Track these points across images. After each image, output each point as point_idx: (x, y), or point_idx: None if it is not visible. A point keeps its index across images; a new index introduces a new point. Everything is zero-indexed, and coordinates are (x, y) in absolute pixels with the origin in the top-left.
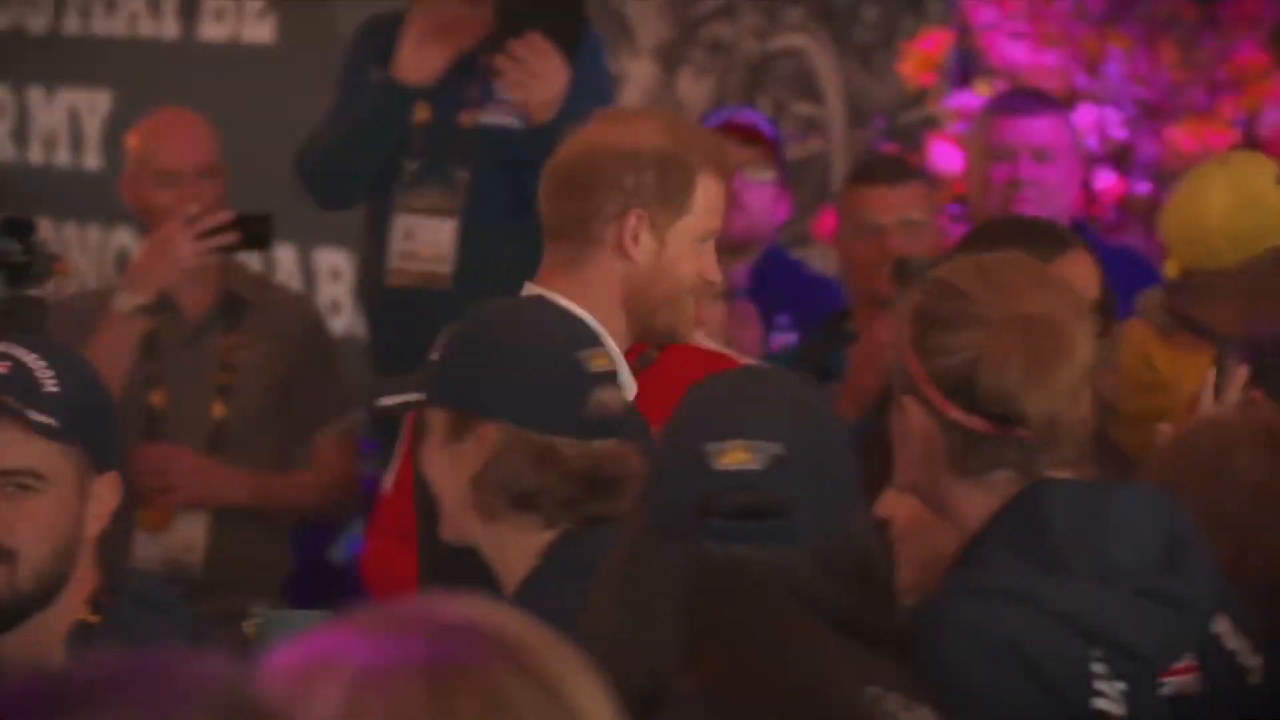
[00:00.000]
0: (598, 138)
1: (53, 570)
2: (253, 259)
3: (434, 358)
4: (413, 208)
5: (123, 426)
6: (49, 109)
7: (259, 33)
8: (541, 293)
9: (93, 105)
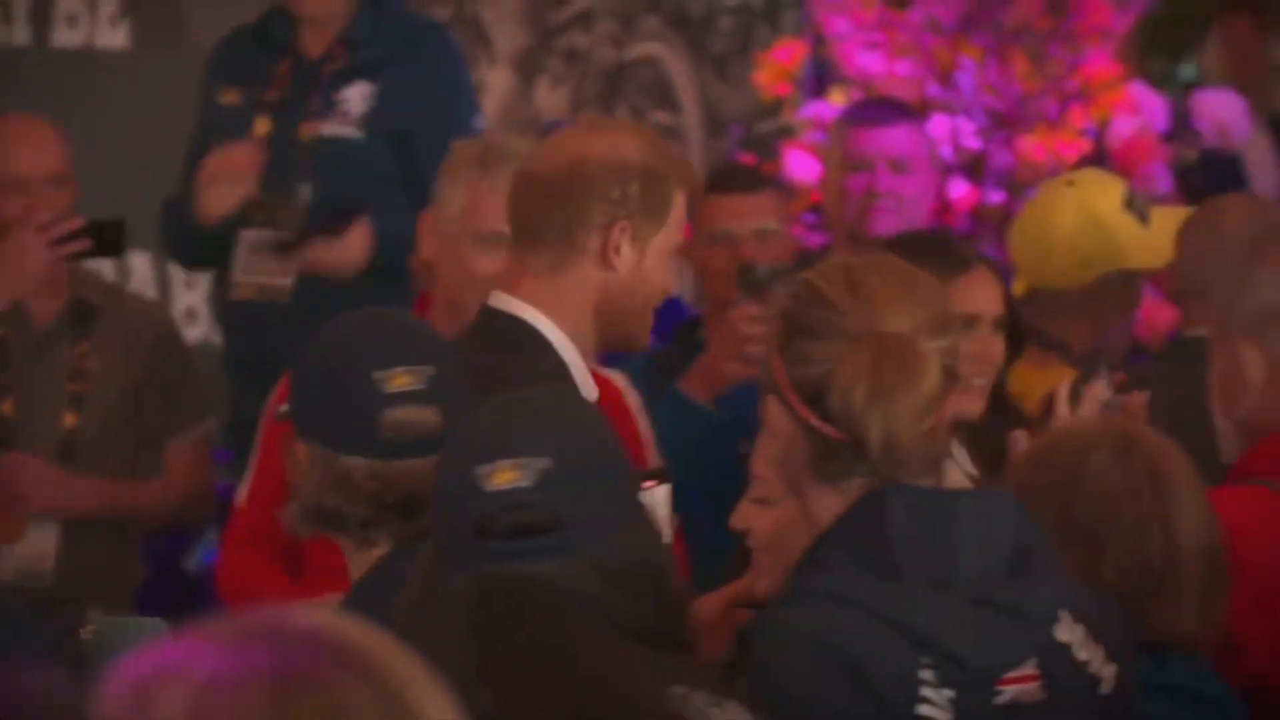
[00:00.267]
0: (583, 148)
1: None
2: (107, 266)
3: None
4: (252, 221)
5: None
6: None
7: (113, 39)
8: (508, 299)
9: None
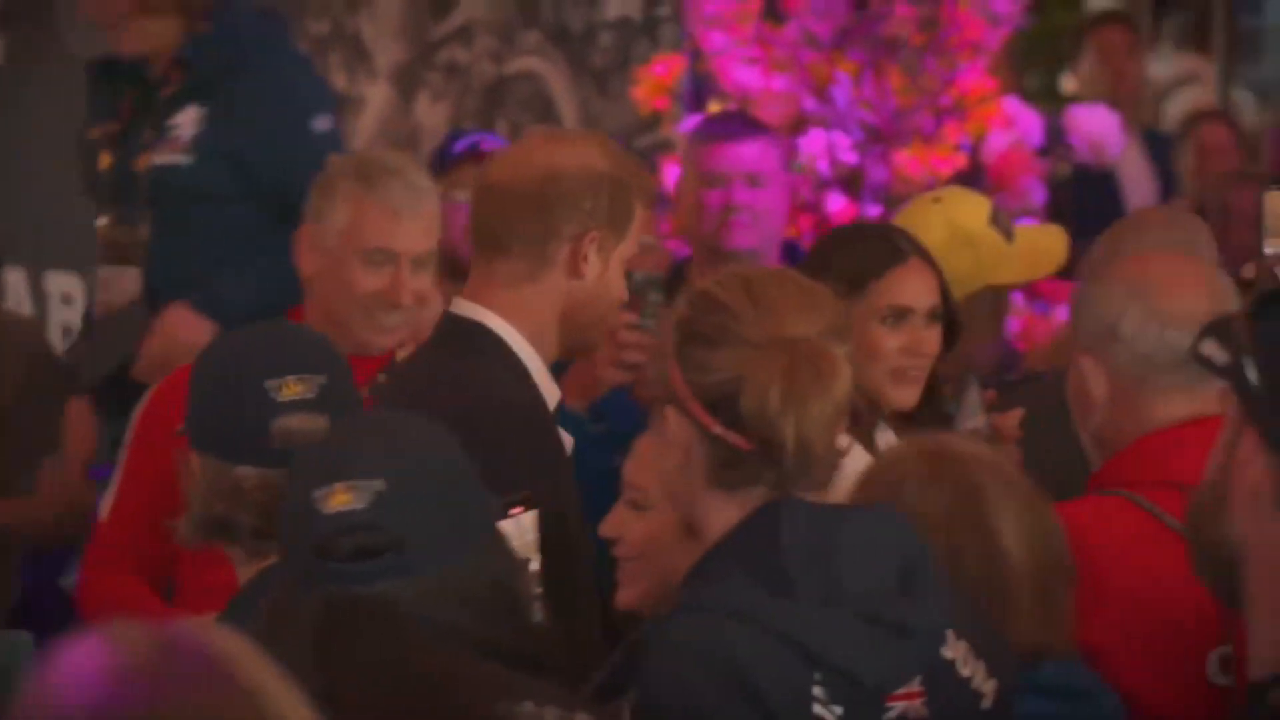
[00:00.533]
0: (553, 159)
1: None
2: None
3: None
4: (105, 257)
5: None
6: None
7: None
8: (472, 306)
9: None
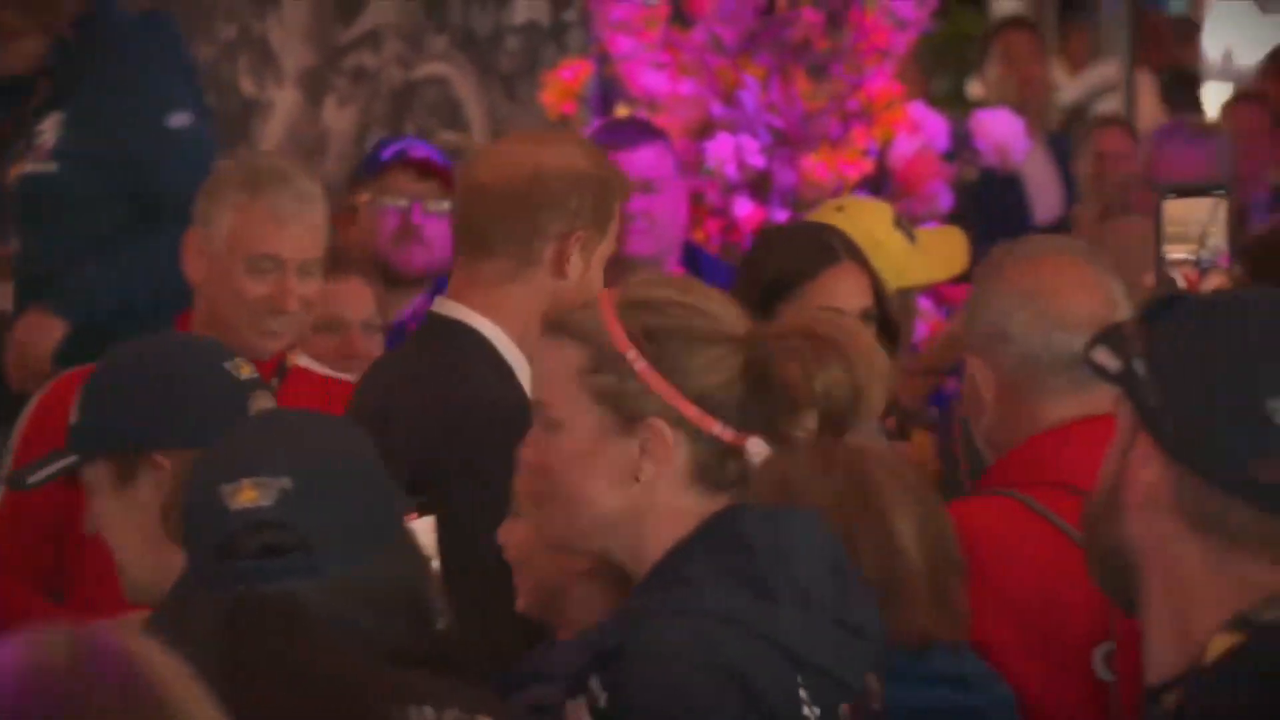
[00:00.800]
0: (537, 159)
1: None
2: None
3: (74, 418)
4: None
5: None
6: None
7: None
8: (455, 305)
9: None
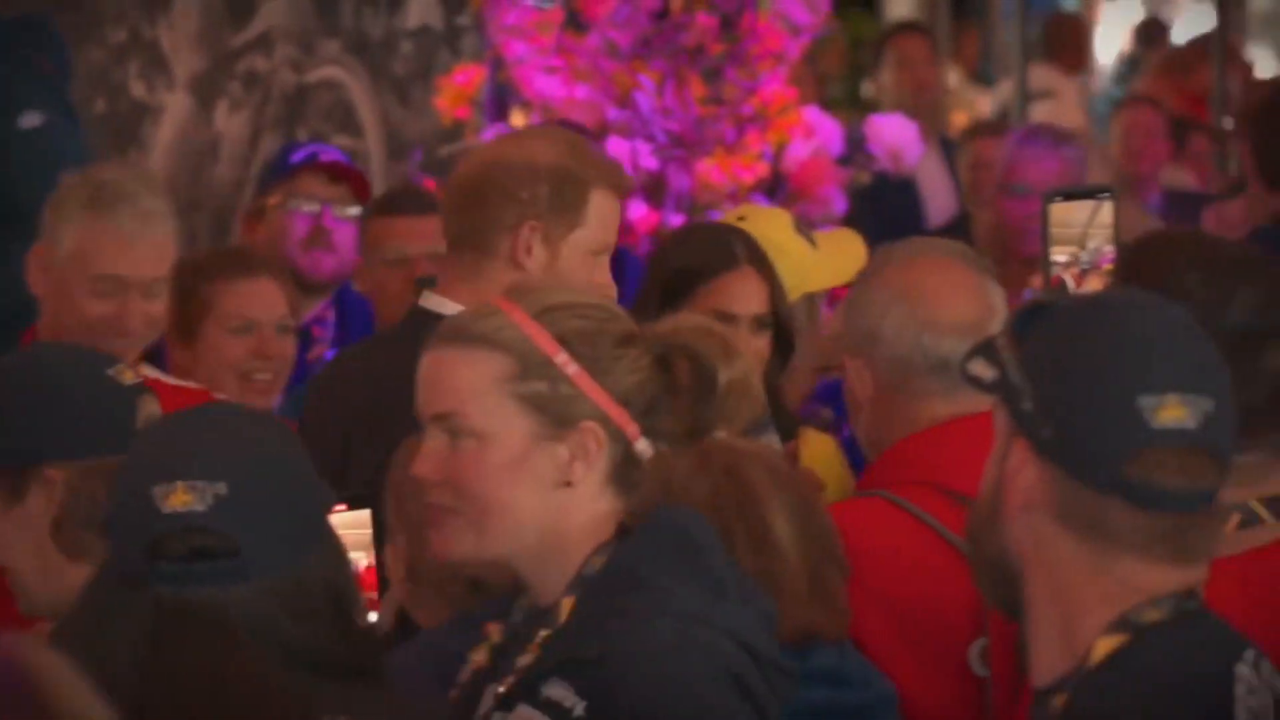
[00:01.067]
0: (496, 154)
1: None
2: None
3: None
4: None
5: None
6: None
7: None
8: (439, 299)
9: None
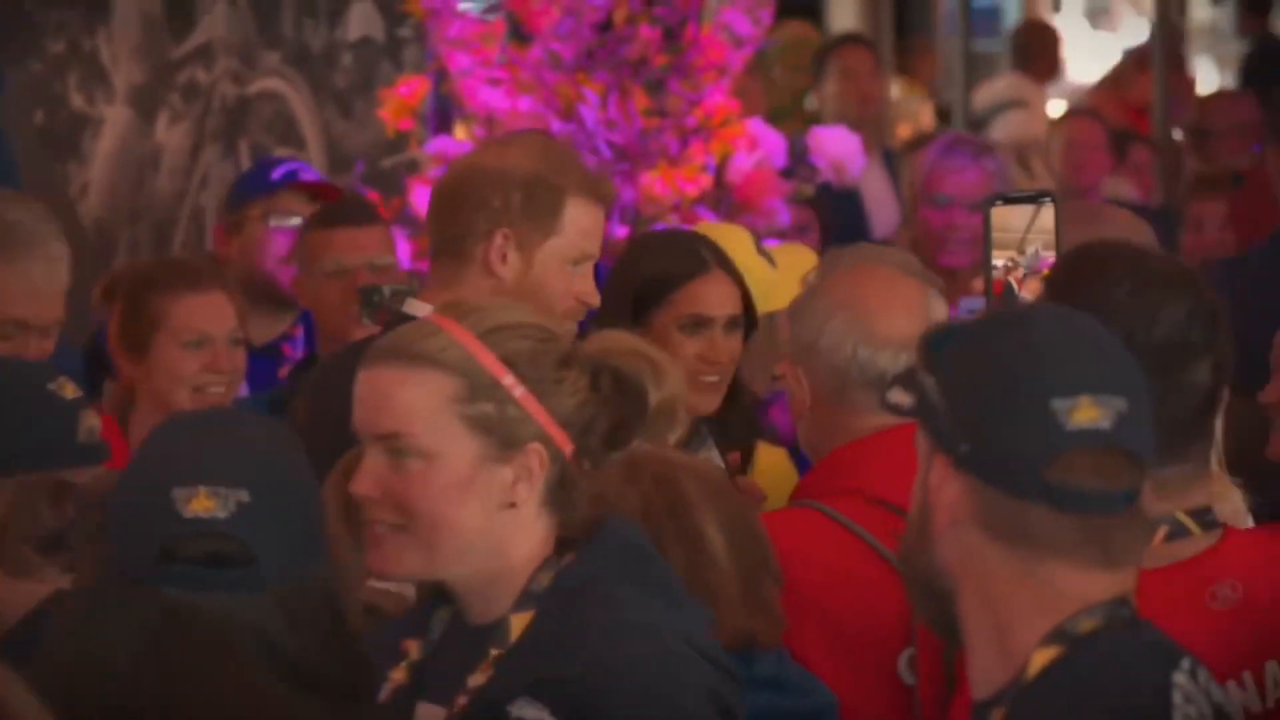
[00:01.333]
0: (474, 161)
1: None
2: None
3: None
4: None
5: None
6: None
7: None
8: (422, 306)
9: None
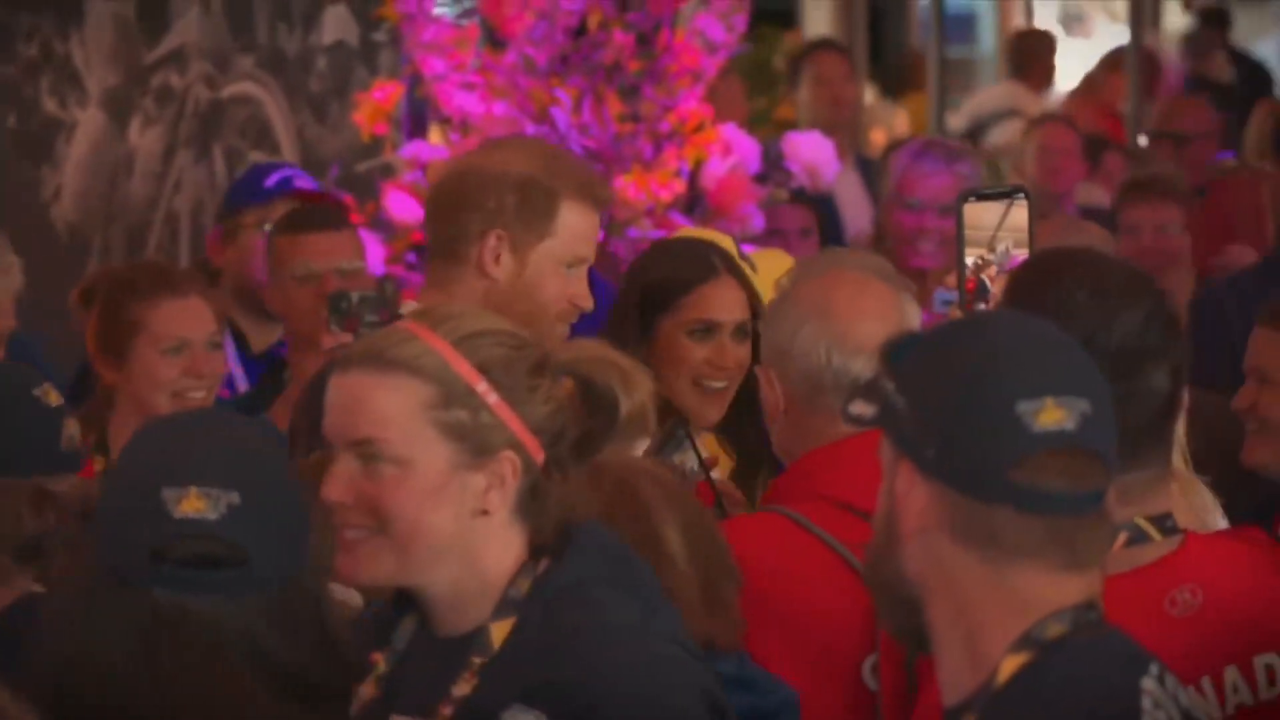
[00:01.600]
0: (470, 163)
1: None
2: None
3: None
4: None
5: None
6: None
7: None
8: (416, 307)
9: None
